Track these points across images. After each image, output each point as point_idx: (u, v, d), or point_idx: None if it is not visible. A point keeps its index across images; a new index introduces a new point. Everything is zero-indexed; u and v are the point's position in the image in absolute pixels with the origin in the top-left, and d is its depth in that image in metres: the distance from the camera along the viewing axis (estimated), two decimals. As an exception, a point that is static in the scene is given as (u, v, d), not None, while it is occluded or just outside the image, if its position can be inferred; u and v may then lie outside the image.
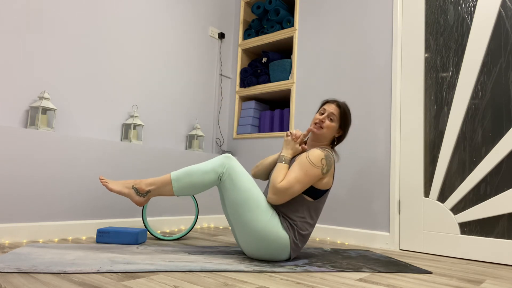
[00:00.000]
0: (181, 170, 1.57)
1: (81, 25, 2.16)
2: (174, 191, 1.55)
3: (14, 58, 1.88)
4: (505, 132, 1.85)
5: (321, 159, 1.55)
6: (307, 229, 1.58)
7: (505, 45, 1.90)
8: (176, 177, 1.55)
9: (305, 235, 1.58)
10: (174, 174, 1.56)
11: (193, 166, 1.57)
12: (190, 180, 1.54)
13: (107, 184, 1.57)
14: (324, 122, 1.65)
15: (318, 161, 1.54)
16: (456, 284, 1.34)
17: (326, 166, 1.56)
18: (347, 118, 1.69)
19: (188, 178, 1.54)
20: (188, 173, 1.55)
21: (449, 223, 1.96)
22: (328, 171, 1.57)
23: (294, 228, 1.54)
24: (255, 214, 1.49)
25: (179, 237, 2.06)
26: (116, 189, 1.56)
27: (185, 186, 1.55)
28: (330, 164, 1.58)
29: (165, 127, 2.60)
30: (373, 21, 2.36)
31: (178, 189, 1.55)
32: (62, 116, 2.05)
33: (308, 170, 1.52)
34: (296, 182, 1.50)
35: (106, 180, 1.60)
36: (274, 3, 2.83)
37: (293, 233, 1.54)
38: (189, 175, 1.55)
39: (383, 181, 2.18)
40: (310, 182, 1.53)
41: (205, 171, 1.54)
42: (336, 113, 1.67)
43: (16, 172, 1.77)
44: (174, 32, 2.68)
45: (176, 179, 1.54)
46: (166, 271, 1.30)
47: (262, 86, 2.86)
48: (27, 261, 1.32)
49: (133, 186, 1.57)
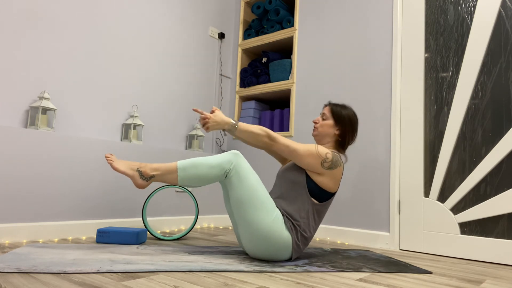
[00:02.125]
0: (187, 161, 1.56)
1: (81, 25, 2.16)
2: (178, 180, 1.55)
3: (14, 58, 1.88)
4: (505, 132, 1.85)
5: (326, 153, 1.56)
6: (310, 231, 1.58)
7: (505, 45, 1.90)
8: (182, 166, 1.54)
9: (308, 238, 1.58)
10: (180, 163, 1.55)
11: (200, 158, 1.56)
12: (196, 172, 1.54)
13: (112, 162, 1.57)
14: (318, 122, 1.72)
15: (323, 153, 1.56)
16: (456, 284, 1.34)
17: (330, 162, 1.56)
18: (340, 112, 1.69)
19: (194, 170, 1.54)
20: (195, 164, 1.54)
21: (449, 223, 1.96)
22: (330, 168, 1.56)
23: (297, 229, 1.54)
24: (260, 213, 1.49)
25: (179, 237, 2.06)
26: (121, 169, 1.56)
27: (189, 177, 1.54)
28: (335, 164, 1.57)
29: (165, 127, 2.60)
30: (373, 21, 2.36)
31: (183, 179, 1.54)
32: (62, 116, 2.05)
33: (310, 150, 1.55)
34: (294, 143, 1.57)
35: (112, 158, 1.60)
36: (274, 3, 2.83)
37: (296, 234, 1.54)
38: (195, 167, 1.54)
39: (383, 181, 2.18)
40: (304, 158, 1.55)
41: (212, 165, 1.53)
42: (327, 111, 1.71)
43: (16, 172, 1.77)
44: (174, 32, 2.68)
45: (183, 169, 1.54)
46: (166, 271, 1.30)
47: (262, 86, 2.86)
48: (27, 261, 1.32)
49: (138, 169, 1.56)
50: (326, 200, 1.61)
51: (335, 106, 1.72)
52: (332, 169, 1.57)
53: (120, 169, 1.56)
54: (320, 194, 1.58)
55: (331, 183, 1.59)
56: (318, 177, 1.57)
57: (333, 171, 1.57)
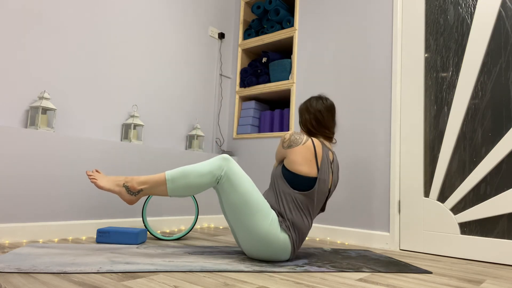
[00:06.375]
0: (176, 170, 1.50)
1: (81, 25, 2.16)
2: (168, 192, 1.48)
3: (14, 58, 1.88)
4: (505, 132, 1.85)
5: (285, 134, 1.63)
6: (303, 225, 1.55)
7: (505, 45, 1.90)
8: (171, 177, 1.48)
9: (303, 233, 1.57)
10: (169, 174, 1.49)
11: (188, 167, 1.51)
12: (186, 182, 1.48)
13: (95, 181, 1.49)
14: None
15: (283, 136, 1.65)
16: (456, 284, 1.34)
17: (288, 141, 1.60)
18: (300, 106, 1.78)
19: (183, 180, 1.48)
20: (184, 174, 1.48)
21: (449, 223, 1.96)
22: (289, 147, 1.58)
23: (293, 227, 1.54)
24: (256, 218, 1.47)
25: (179, 237, 2.06)
26: (106, 187, 1.48)
27: (179, 188, 1.48)
28: (294, 142, 1.58)
29: (165, 127, 2.60)
30: (373, 21, 2.36)
31: (173, 190, 1.48)
32: (62, 116, 2.05)
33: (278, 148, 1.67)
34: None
35: (95, 176, 1.51)
36: (274, 3, 2.83)
37: (293, 233, 1.53)
38: (185, 177, 1.48)
39: (383, 181, 2.18)
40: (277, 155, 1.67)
41: (202, 173, 1.48)
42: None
43: (16, 172, 1.77)
44: (174, 32, 2.68)
45: (171, 180, 1.48)
46: (166, 271, 1.30)
47: (262, 86, 2.86)
48: (27, 261, 1.32)
49: (124, 184, 1.50)
50: (308, 189, 1.55)
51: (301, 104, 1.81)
52: (292, 147, 1.57)
53: (105, 188, 1.48)
54: (297, 181, 1.54)
55: (299, 163, 1.54)
56: (286, 160, 1.59)
57: (293, 149, 1.56)
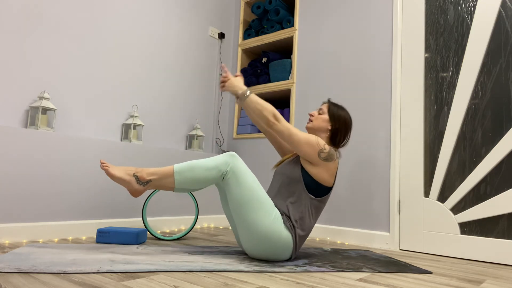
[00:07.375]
0: (183, 164, 1.55)
1: (81, 25, 2.16)
2: (175, 184, 1.53)
3: (14, 58, 1.88)
4: (505, 132, 1.85)
5: (324, 144, 1.58)
6: (308, 228, 1.58)
7: (505, 45, 1.90)
8: (179, 169, 1.53)
9: (305, 235, 1.59)
10: (177, 166, 1.54)
11: (196, 161, 1.55)
12: (192, 175, 1.52)
13: (107, 168, 1.53)
14: (314, 115, 1.73)
15: (322, 144, 1.57)
16: (456, 284, 1.34)
17: (327, 154, 1.57)
18: (336, 111, 1.71)
19: (190, 173, 1.52)
20: (191, 167, 1.53)
21: (449, 223, 1.96)
22: (325, 159, 1.56)
23: (296, 227, 1.54)
24: (259, 214, 1.48)
25: (179, 237, 2.06)
26: (117, 175, 1.52)
27: (186, 181, 1.53)
28: (331, 156, 1.58)
29: (165, 127, 2.60)
30: (373, 21, 2.36)
31: (180, 182, 1.53)
32: (62, 116, 2.05)
33: (309, 139, 1.56)
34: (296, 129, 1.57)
35: (108, 164, 1.56)
36: (274, 3, 2.83)
37: (295, 233, 1.54)
38: (192, 170, 1.53)
39: (383, 181, 2.18)
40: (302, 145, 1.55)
41: (208, 167, 1.52)
42: (325, 107, 1.73)
43: (16, 172, 1.77)
44: (174, 32, 2.68)
45: (179, 172, 1.52)
46: (166, 271, 1.30)
47: (262, 86, 2.86)
48: (27, 261, 1.32)
49: (134, 174, 1.53)
50: (324, 195, 1.61)
51: (333, 105, 1.73)
52: (328, 161, 1.57)
53: (116, 175, 1.51)
54: (316, 188, 1.58)
55: (326, 176, 1.58)
56: (313, 168, 1.57)
57: (328, 163, 1.57)
